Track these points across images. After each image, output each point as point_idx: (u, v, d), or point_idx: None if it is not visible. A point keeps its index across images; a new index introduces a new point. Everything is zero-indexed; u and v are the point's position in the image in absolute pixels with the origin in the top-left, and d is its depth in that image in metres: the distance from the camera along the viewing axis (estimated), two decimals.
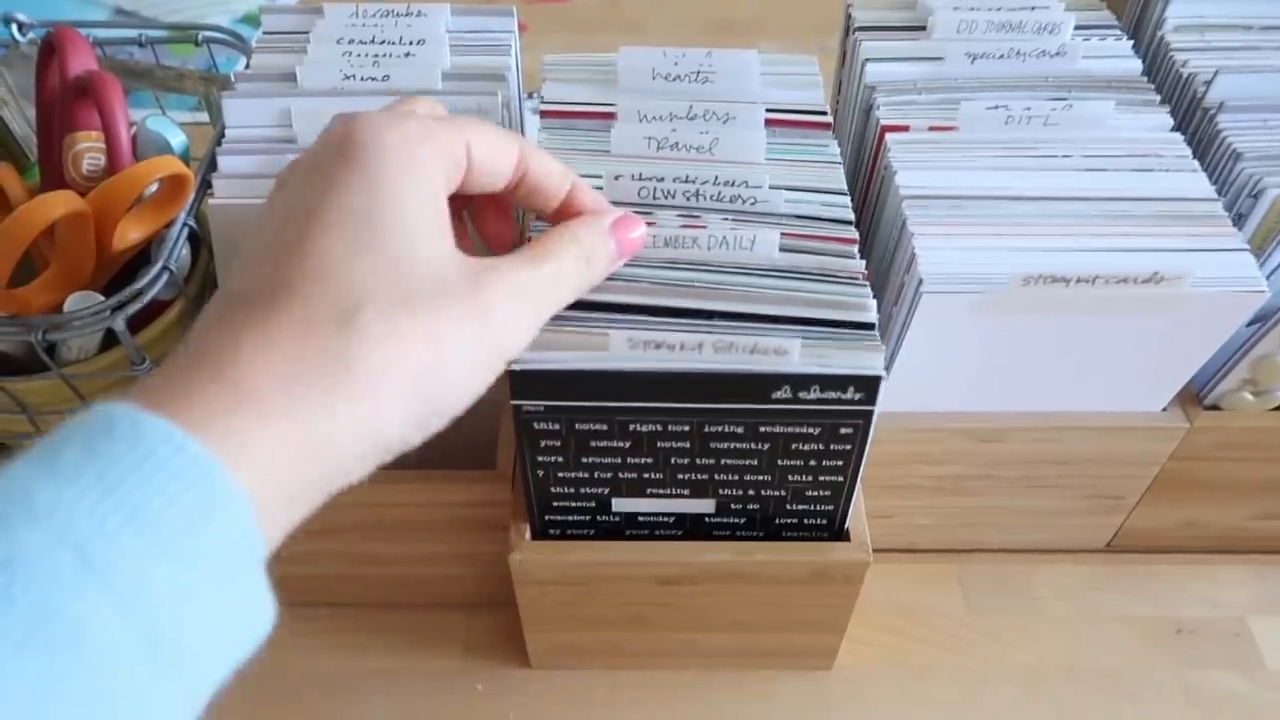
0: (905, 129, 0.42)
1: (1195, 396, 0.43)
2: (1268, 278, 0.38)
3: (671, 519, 0.39)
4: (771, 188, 0.37)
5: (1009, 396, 0.42)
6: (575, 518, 0.39)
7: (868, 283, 0.35)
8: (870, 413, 0.34)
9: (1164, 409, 0.42)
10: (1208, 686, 0.45)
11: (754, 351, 0.33)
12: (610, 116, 0.41)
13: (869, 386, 0.33)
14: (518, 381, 0.33)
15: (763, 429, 0.35)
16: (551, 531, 0.39)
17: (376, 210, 0.27)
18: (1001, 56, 0.44)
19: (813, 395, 0.33)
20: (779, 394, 0.33)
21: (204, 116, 0.51)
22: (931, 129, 0.42)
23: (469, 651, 0.47)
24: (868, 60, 0.44)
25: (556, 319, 0.32)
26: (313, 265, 0.26)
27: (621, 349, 0.33)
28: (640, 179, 0.38)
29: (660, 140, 0.40)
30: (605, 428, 0.35)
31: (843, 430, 0.35)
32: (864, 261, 0.36)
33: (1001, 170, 0.40)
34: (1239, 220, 0.40)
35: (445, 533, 0.42)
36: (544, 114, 0.42)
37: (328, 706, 0.45)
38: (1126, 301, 0.36)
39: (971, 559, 0.50)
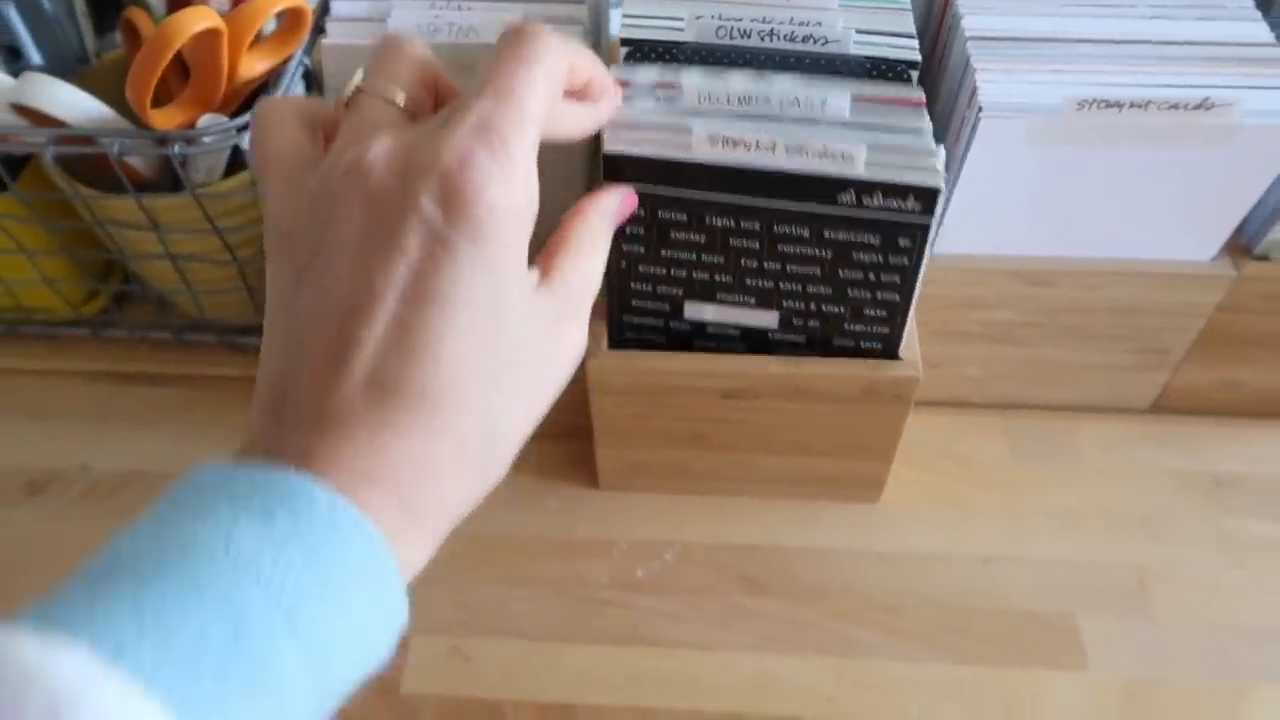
0: None
1: (1244, 248, 0.45)
2: None
3: (737, 332, 0.42)
4: (847, 30, 0.40)
5: (1061, 241, 0.44)
6: (650, 321, 0.42)
7: (926, 111, 0.38)
8: (927, 226, 0.37)
9: (1213, 258, 0.44)
10: (1242, 533, 0.47)
11: (823, 155, 0.36)
12: None
13: (928, 199, 0.36)
14: (610, 165, 0.37)
15: (827, 234, 0.38)
16: (628, 335, 0.43)
17: (500, 305, 0.27)
18: None
19: (875, 202, 0.36)
20: (844, 198, 0.36)
21: None
22: None
23: (542, 474, 0.51)
24: None
25: (643, 124, 0.36)
26: (446, 375, 0.26)
27: (703, 143, 0.36)
28: (719, 18, 0.41)
29: None
30: (684, 218, 0.38)
31: (901, 242, 0.37)
32: (922, 92, 0.38)
33: (1067, 17, 0.42)
34: None
35: None
36: None
37: None
38: (1177, 131, 0.39)
39: (1018, 414, 0.52)
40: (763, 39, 0.41)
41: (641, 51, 0.40)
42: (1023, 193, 0.42)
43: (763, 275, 0.40)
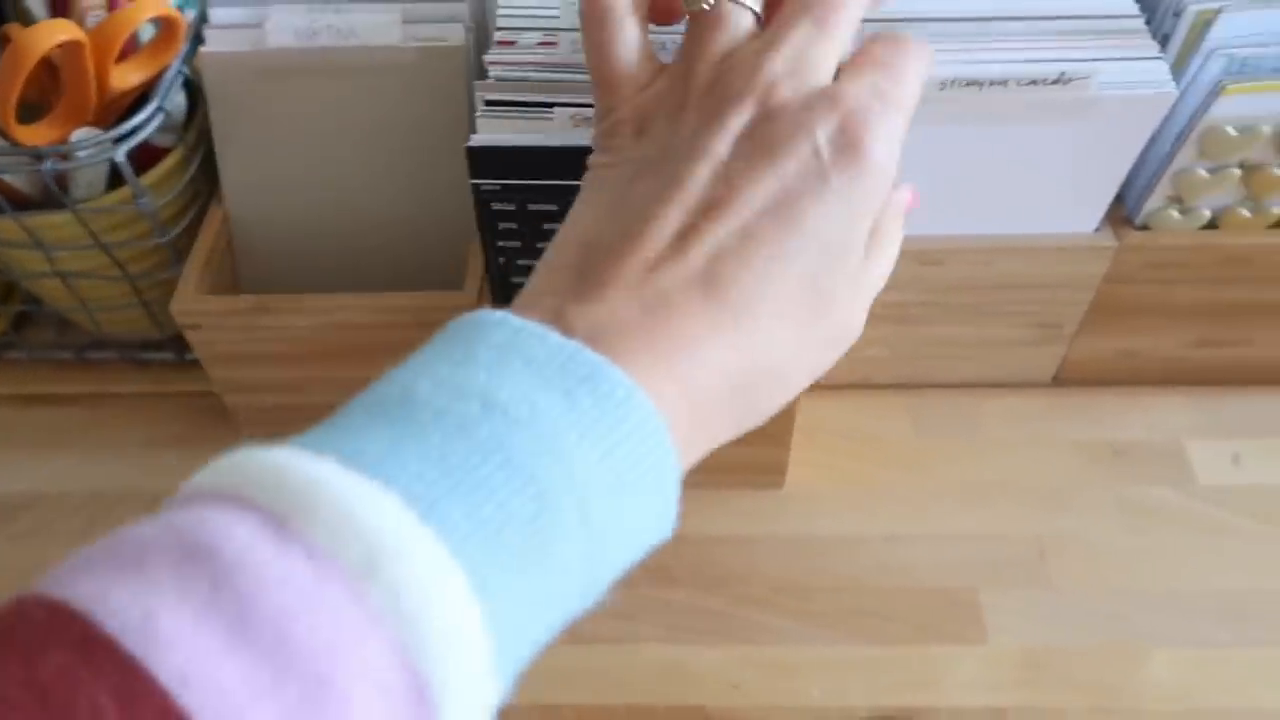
0: None
1: (1125, 218, 0.45)
2: (1183, 91, 0.41)
3: None
4: None
5: (949, 219, 0.44)
6: None
7: None
8: None
9: (1095, 229, 0.45)
10: (1142, 499, 0.48)
11: None
12: None
13: None
14: (475, 159, 0.37)
15: None
16: None
17: (842, 256, 0.27)
18: None
19: None
20: None
21: None
22: None
23: None
24: None
25: (512, 103, 0.37)
26: (773, 299, 0.26)
27: (565, 126, 0.36)
28: None
29: None
30: (556, 208, 0.38)
31: None
32: None
33: None
34: (1164, 41, 0.42)
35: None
36: None
37: None
38: (1041, 106, 0.39)
39: (922, 393, 0.52)
40: None
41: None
42: (906, 173, 0.42)
43: None
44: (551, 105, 0.37)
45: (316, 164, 0.48)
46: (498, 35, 0.41)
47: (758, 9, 0.29)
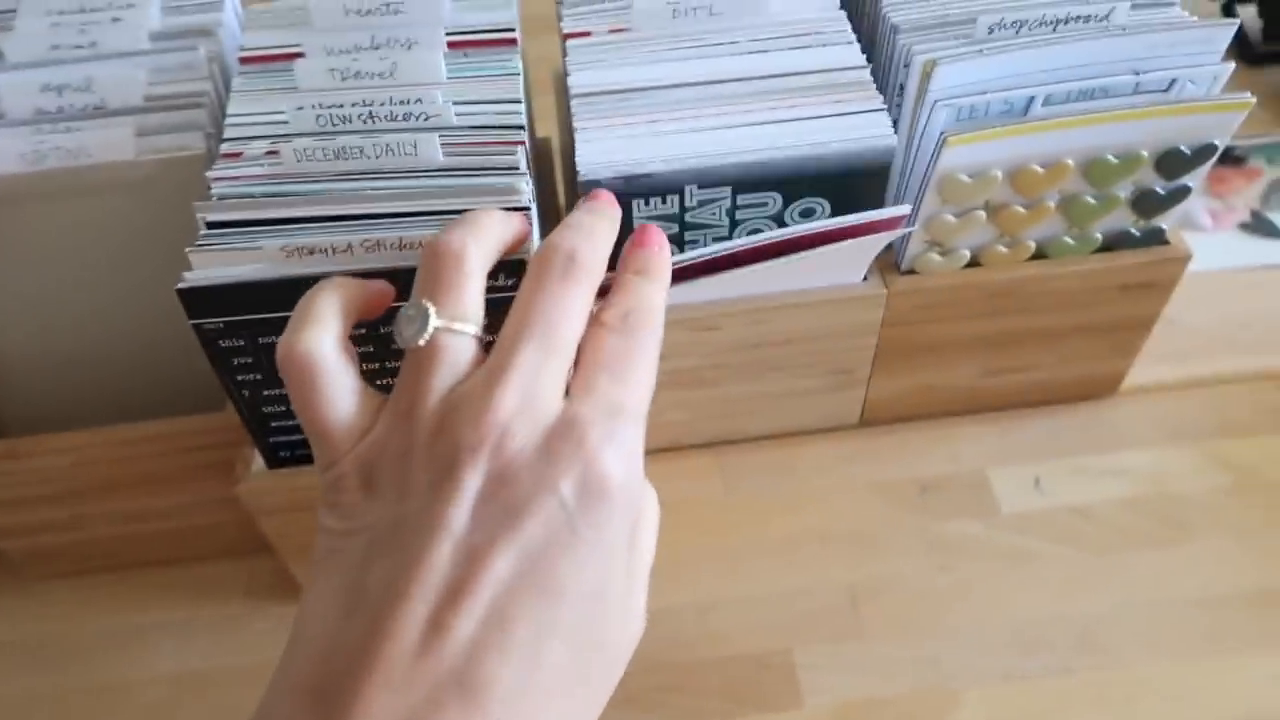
0: (587, 34, 0.44)
1: (894, 265, 0.46)
2: (919, 141, 0.41)
3: None
4: (446, 102, 0.39)
5: (724, 287, 0.44)
6: (298, 436, 0.40)
7: (527, 171, 0.37)
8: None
9: (865, 278, 0.45)
10: (948, 535, 0.48)
11: (402, 248, 0.35)
12: (301, 55, 0.43)
13: (517, 270, 0.35)
14: (187, 300, 0.35)
15: None
16: (282, 454, 0.41)
17: (604, 600, 0.25)
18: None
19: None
20: None
21: None
22: (611, 31, 0.44)
23: (250, 596, 0.48)
24: None
25: (215, 237, 0.35)
26: (544, 683, 0.24)
27: (276, 257, 0.34)
28: (320, 108, 0.39)
29: (343, 71, 0.41)
30: None
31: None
32: (524, 149, 0.38)
33: (668, 62, 0.42)
34: (900, 90, 0.42)
35: (190, 480, 0.44)
36: (242, 61, 0.44)
37: (110, 663, 0.46)
38: None
39: (732, 449, 0.52)
40: (364, 122, 0.40)
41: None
42: None
43: (388, 374, 0.38)
44: (272, 222, 0.36)
45: (67, 290, 0.45)
46: (224, 147, 0.40)
47: (477, 331, 0.27)
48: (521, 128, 0.40)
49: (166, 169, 0.43)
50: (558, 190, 0.53)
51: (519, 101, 0.40)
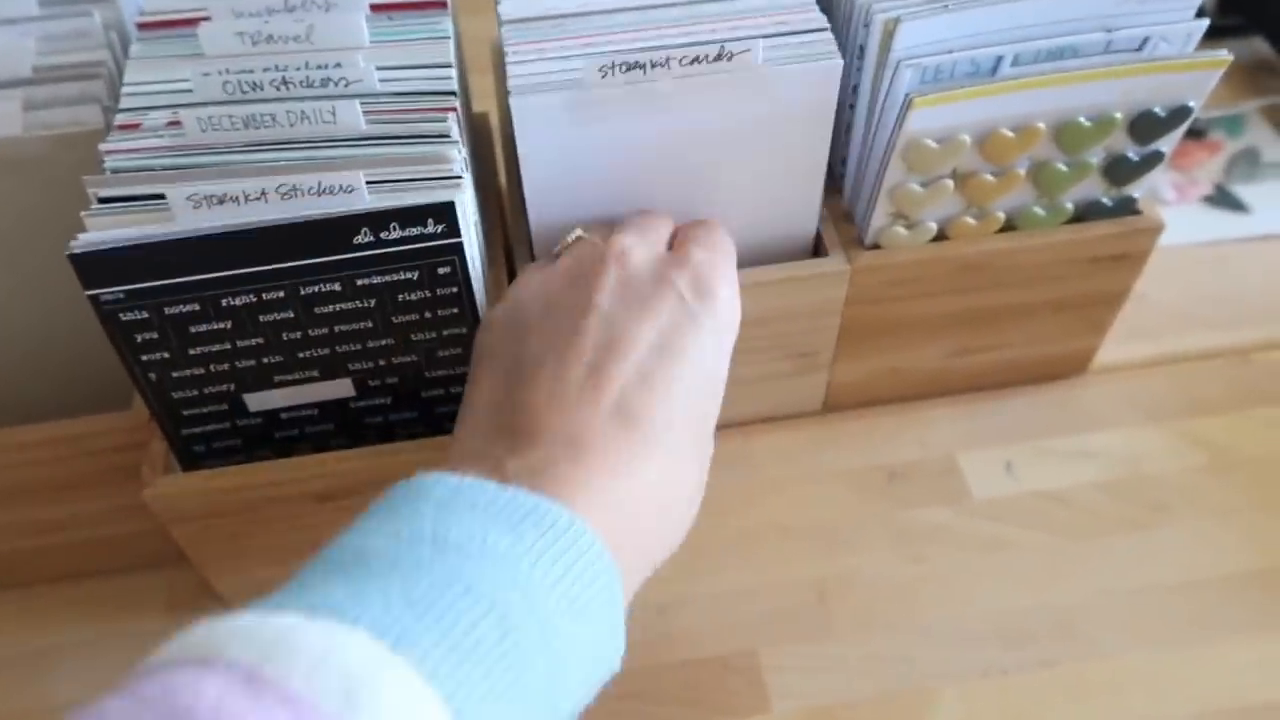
0: None
1: (856, 239, 0.43)
2: (881, 104, 0.38)
3: (316, 411, 0.37)
4: (369, 67, 0.36)
5: None
6: (214, 427, 0.37)
7: (459, 140, 0.34)
8: (460, 245, 0.33)
9: (829, 254, 0.42)
10: (918, 524, 0.46)
11: (320, 193, 0.32)
12: (206, 19, 0.39)
13: (447, 216, 0.32)
14: (84, 268, 0.31)
15: (360, 282, 0.33)
16: (196, 449, 0.37)
17: (716, 372, 0.33)
18: None
19: (395, 234, 0.32)
20: (361, 238, 0.32)
21: None
22: None
23: (172, 609, 0.44)
24: None
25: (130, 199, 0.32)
26: (679, 415, 0.31)
27: (184, 210, 0.31)
28: (227, 74, 0.36)
29: (254, 35, 0.37)
30: (198, 308, 0.33)
31: (441, 270, 0.34)
32: (456, 116, 0.35)
33: None
34: (861, 52, 0.40)
35: (96, 485, 0.40)
36: (141, 26, 0.40)
37: (23, 687, 0.42)
38: (710, 91, 0.36)
39: None
40: (278, 89, 0.36)
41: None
42: (602, 189, 0.39)
43: (313, 344, 0.35)
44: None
45: None
46: (119, 118, 0.36)
47: None
48: (453, 94, 0.36)
49: (59, 146, 0.39)
50: (498, 169, 0.50)
51: (449, 66, 0.37)
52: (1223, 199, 0.60)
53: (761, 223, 0.42)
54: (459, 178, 0.33)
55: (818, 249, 0.44)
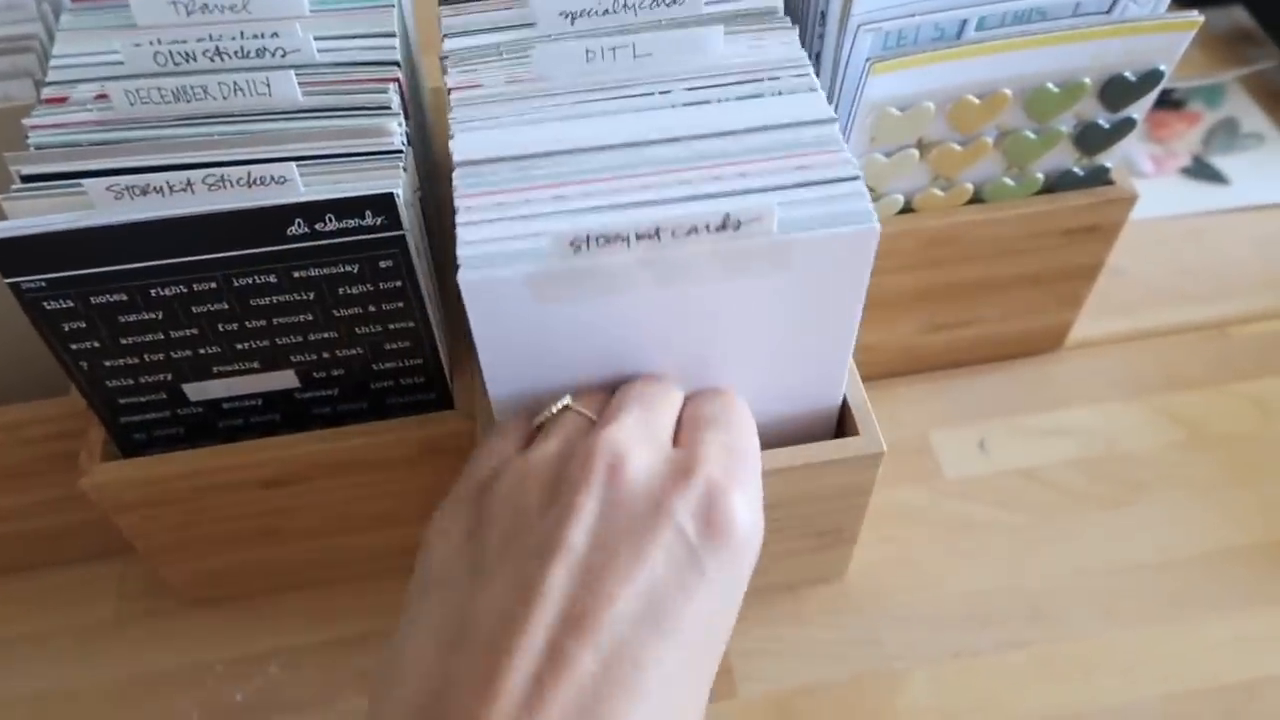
0: (477, 87, 0.34)
1: None
2: (842, 72, 0.37)
3: (259, 401, 0.36)
4: (307, 36, 0.34)
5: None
6: (155, 415, 0.35)
7: (400, 113, 0.33)
8: (402, 238, 0.32)
9: (860, 431, 0.36)
10: (891, 505, 0.45)
11: (251, 184, 0.30)
12: None
13: (387, 208, 0.31)
14: (2, 255, 0.29)
15: (297, 274, 0.32)
16: (136, 437, 0.36)
17: (716, 649, 0.26)
18: (606, 12, 0.35)
19: (331, 226, 0.31)
20: (295, 229, 0.31)
21: None
22: (508, 82, 0.34)
23: (124, 599, 0.43)
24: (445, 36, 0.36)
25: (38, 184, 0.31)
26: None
27: (105, 200, 0.30)
28: (159, 44, 0.34)
29: (187, 5, 0.36)
30: (126, 298, 0.31)
31: (383, 264, 0.32)
32: (397, 88, 0.33)
33: (580, 119, 0.32)
34: (822, 19, 0.38)
35: (35, 474, 0.39)
36: None
37: None
38: (712, 262, 0.28)
39: None
40: (211, 60, 0.35)
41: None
42: (582, 365, 0.31)
43: (251, 336, 0.34)
44: (100, 173, 0.31)
45: None
46: (46, 91, 0.34)
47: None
48: (396, 64, 0.35)
49: None
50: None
51: (392, 35, 0.36)
52: (1201, 171, 0.59)
53: (778, 396, 0.35)
54: (399, 153, 0.32)
55: (842, 416, 0.37)
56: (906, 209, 0.42)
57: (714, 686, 0.39)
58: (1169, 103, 0.62)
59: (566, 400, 0.29)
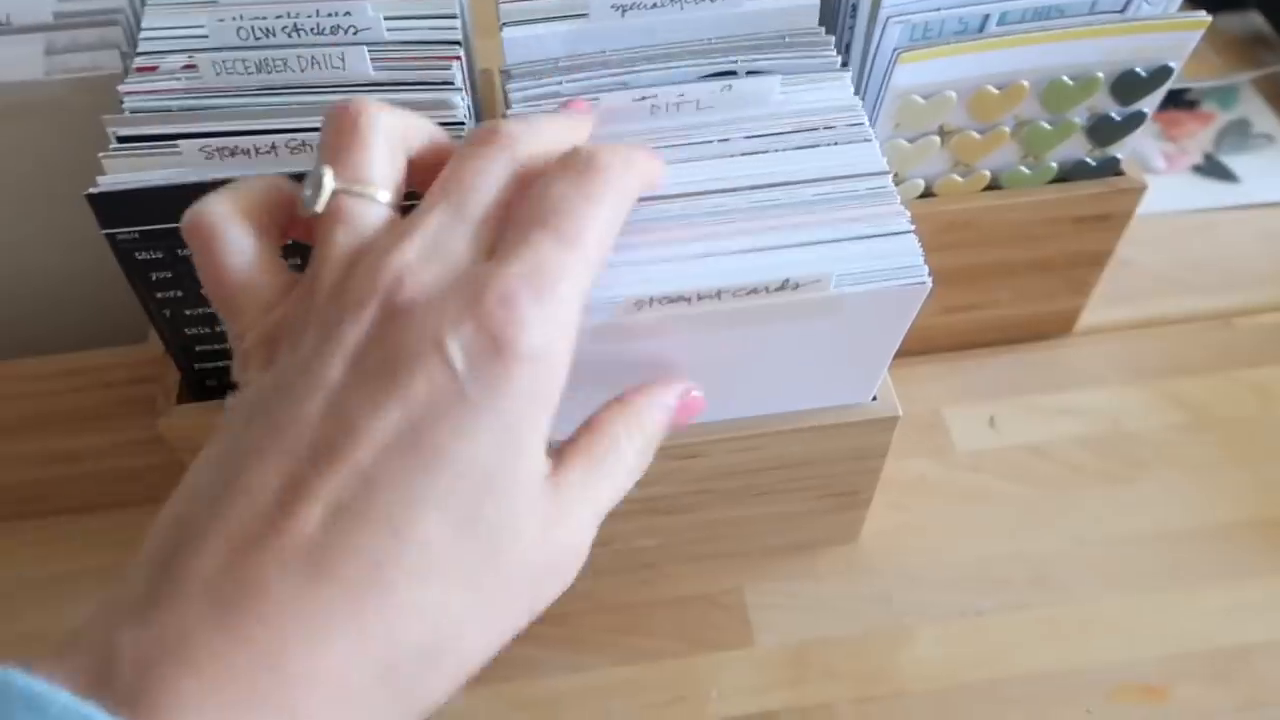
0: None
1: None
2: (871, 61, 0.40)
3: None
4: (377, 15, 0.37)
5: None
6: (226, 363, 0.38)
7: (464, 88, 0.36)
8: None
9: (874, 399, 0.39)
10: (903, 474, 0.48)
11: None
12: None
13: None
14: (100, 207, 0.33)
15: None
16: (209, 383, 0.39)
17: (500, 484, 0.22)
18: (655, 6, 0.36)
19: None
20: None
21: None
22: None
23: None
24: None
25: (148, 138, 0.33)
26: (407, 559, 0.21)
27: (196, 160, 0.33)
28: (241, 20, 0.37)
29: None
30: None
31: None
32: (460, 65, 0.36)
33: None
34: (853, 12, 0.41)
35: (111, 418, 0.42)
36: None
37: (33, 612, 0.44)
38: (769, 311, 0.30)
39: None
40: (289, 36, 0.37)
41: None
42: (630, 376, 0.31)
43: None
44: (189, 136, 0.34)
45: None
46: (138, 60, 0.37)
47: (389, 198, 0.25)
48: (457, 43, 0.38)
49: (79, 89, 0.40)
50: None
51: (455, 16, 0.38)
52: (1212, 169, 0.61)
53: (806, 402, 0.37)
54: (462, 124, 0.35)
55: None
56: (927, 193, 0.44)
57: (730, 635, 0.43)
58: (1183, 103, 0.64)
59: (330, 179, 0.25)
